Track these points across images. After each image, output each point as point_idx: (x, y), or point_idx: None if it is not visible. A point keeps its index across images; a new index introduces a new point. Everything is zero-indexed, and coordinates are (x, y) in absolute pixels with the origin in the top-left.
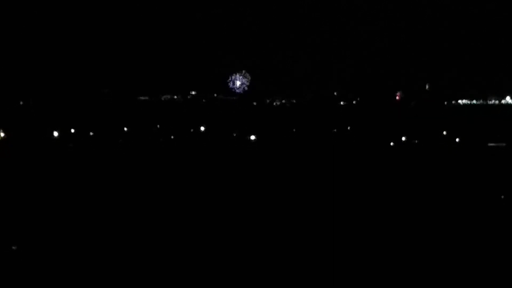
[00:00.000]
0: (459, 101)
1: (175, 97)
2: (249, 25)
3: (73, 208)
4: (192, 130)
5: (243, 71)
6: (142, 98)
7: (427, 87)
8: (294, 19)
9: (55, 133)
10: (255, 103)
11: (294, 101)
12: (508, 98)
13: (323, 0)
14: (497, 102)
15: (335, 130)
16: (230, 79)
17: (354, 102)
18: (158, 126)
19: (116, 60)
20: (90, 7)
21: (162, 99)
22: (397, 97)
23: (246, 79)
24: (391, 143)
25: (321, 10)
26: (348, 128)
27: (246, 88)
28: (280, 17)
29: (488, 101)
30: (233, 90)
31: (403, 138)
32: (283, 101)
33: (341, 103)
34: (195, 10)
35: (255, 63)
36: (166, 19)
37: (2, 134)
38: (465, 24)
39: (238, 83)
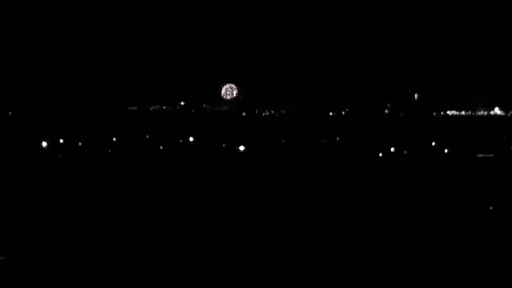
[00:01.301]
0: (448, 112)
1: (164, 107)
2: (238, 36)
3: (62, 218)
4: (181, 140)
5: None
6: (131, 108)
7: (416, 98)
8: (283, 30)
9: (44, 144)
10: (244, 114)
11: (283, 111)
12: (496, 109)
13: (312, 10)
14: (485, 113)
15: (324, 140)
16: (223, 89)
17: (343, 112)
18: (147, 136)
19: (105, 70)
20: (79, 17)
21: (151, 109)
22: (386, 109)
23: (237, 90)
24: (380, 154)
25: (311, 20)
26: (337, 138)
27: (239, 104)
28: (270, 28)
29: (476, 112)
30: (226, 100)
31: (392, 149)
32: (272, 111)
33: (330, 113)
34: (184, 21)
35: (245, 73)
36: (155, 30)
37: None
38: (454, 35)
39: (232, 93)
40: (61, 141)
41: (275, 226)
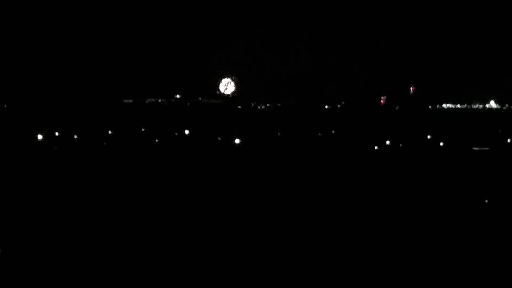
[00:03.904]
0: (444, 105)
1: (160, 100)
2: (235, 29)
3: (58, 211)
4: (176, 133)
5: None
6: (126, 101)
7: (411, 91)
8: (278, 23)
9: (40, 136)
10: (240, 107)
11: (279, 104)
12: (492, 102)
13: (307, 4)
14: (481, 106)
15: (320, 134)
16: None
17: (338, 106)
18: (143, 129)
19: (101, 63)
20: (75, 10)
21: (147, 102)
22: (382, 101)
23: (234, 84)
24: (376, 147)
25: (305, 14)
26: (333, 132)
27: (235, 97)
28: (265, 21)
29: (472, 106)
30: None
31: (388, 142)
32: (268, 104)
33: (326, 107)
34: (180, 13)
35: (241, 66)
36: (151, 23)
37: None
38: (450, 29)
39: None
40: (57, 134)
41: (272, 219)
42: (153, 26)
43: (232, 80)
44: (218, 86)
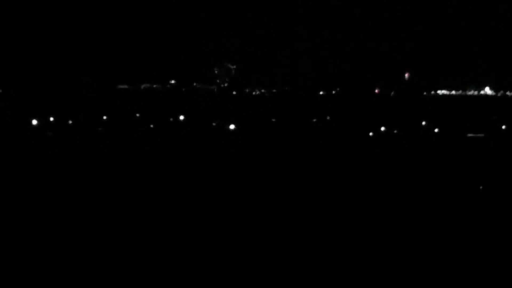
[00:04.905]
0: (438, 91)
1: (154, 86)
2: (229, 14)
3: (53, 199)
4: (171, 119)
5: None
6: (121, 86)
7: (406, 77)
8: (274, 8)
9: (34, 121)
10: (234, 93)
11: (274, 90)
12: (487, 89)
13: None
14: (476, 93)
15: (314, 120)
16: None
17: (333, 92)
18: (138, 115)
19: (95, 48)
20: None
21: (142, 87)
22: (377, 91)
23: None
24: (370, 133)
25: (302, 1)
26: (328, 118)
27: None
28: (260, 7)
29: (467, 92)
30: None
31: (382, 129)
32: (263, 90)
33: (321, 93)
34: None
35: (235, 52)
36: (146, 7)
37: None
38: (445, 14)
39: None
40: (51, 119)
41: (267, 207)
42: (147, 11)
43: (227, 65)
44: (213, 71)
